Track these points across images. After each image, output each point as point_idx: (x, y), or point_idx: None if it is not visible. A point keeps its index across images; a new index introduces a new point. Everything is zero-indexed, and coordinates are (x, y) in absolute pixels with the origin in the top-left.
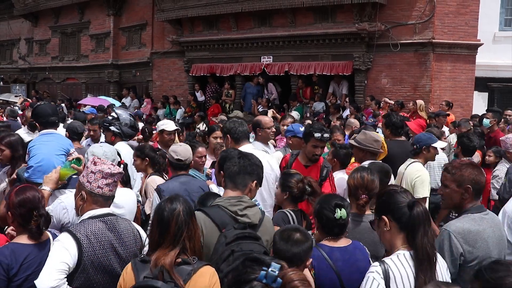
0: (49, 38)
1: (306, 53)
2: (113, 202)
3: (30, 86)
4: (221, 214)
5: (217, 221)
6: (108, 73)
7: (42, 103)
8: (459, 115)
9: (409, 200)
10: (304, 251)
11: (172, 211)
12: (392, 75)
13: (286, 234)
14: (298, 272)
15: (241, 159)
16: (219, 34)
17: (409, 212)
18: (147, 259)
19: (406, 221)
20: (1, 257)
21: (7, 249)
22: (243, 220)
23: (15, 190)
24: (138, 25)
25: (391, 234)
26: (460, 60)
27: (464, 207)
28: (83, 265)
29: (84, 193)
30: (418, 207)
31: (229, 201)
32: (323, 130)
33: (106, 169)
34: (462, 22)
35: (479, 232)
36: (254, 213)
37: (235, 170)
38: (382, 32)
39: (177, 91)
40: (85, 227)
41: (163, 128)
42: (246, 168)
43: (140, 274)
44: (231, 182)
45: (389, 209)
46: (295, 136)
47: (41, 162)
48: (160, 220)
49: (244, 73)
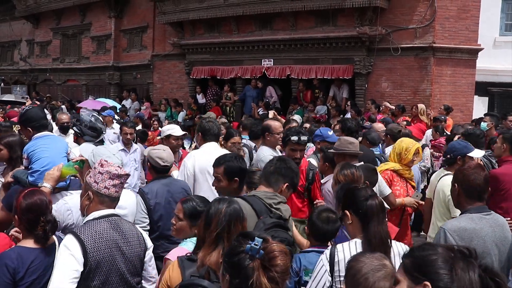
0: (50, 39)
1: (307, 57)
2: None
3: (30, 87)
4: (259, 203)
5: (256, 208)
6: (109, 75)
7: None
8: (459, 119)
9: (367, 195)
10: (336, 229)
11: (216, 211)
12: (392, 79)
13: (322, 215)
14: (279, 244)
15: (279, 161)
16: (220, 37)
17: (365, 204)
18: (194, 258)
19: (363, 212)
20: (8, 260)
21: (14, 252)
22: (277, 212)
23: (23, 194)
24: (139, 28)
25: (353, 227)
26: (461, 65)
27: (463, 207)
28: (89, 266)
29: (91, 193)
30: (373, 199)
31: (265, 194)
32: (300, 133)
33: (113, 170)
34: (462, 27)
35: (476, 230)
36: (286, 208)
37: (271, 170)
38: (383, 36)
39: (177, 93)
40: (90, 228)
41: (170, 133)
42: (281, 170)
43: (186, 271)
44: (266, 180)
45: (350, 204)
46: (324, 141)
47: (48, 166)
48: (206, 218)
49: (245, 76)
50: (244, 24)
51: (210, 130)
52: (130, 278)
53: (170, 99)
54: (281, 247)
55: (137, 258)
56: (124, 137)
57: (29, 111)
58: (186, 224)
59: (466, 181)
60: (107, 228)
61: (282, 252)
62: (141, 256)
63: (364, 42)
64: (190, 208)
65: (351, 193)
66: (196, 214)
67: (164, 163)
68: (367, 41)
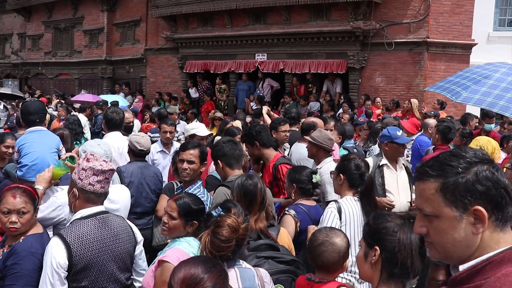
0: (42, 33)
1: (301, 51)
2: (108, 198)
3: (22, 81)
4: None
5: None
6: (101, 69)
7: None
8: (452, 114)
9: (361, 168)
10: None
11: (256, 185)
12: (386, 74)
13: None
14: (232, 218)
15: (235, 144)
16: (214, 31)
17: (360, 176)
18: None
19: (356, 181)
20: (34, 249)
21: (36, 241)
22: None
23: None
24: (132, 21)
25: (342, 187)
26: (454, 60)
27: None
28: (74, 269)
29: (76, 190)
30: (367, 174)
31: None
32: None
33: (97, 166)
34: (456, 22)
35: None
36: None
37: (237, 153)
38: (377, 31)
39: (170, 87)
40: (76, 229)
41: (194, 133)
42: (241, 151)
43: None
44: (238, 163)
45: (345, 170)
46: (392, 141)
47: (36, 161)
48: (246, 193)
49: (238, 71)
50: (237, 18)
51: (112, 121)
52: (120, 275)
53: (163, 93)
54: (231, 220)
55: (127, 254)
56: (163, 136)
57: (26, 104)
58: (180, 223)
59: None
60: (95, 228)
61: (228, 224)
62: (131, 252)
63: (358, 36)
64: (185, 207)
65: (348, 161)
66: (190, 212)
67: (141, 147)
68: (361, 35)
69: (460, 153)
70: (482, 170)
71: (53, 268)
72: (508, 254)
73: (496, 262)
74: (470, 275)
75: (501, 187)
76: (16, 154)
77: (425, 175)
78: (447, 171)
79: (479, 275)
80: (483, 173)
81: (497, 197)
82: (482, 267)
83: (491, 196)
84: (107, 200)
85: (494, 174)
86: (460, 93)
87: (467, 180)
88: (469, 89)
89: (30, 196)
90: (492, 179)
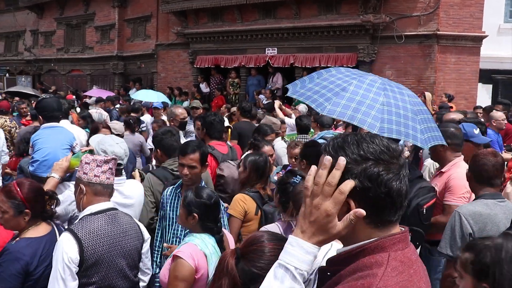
0: (54, 29)
1: (311, 45)
2: (123, 193)
3: (35, 77)
4: (164, 172)
5: (160, 176)
6: (113, 64)
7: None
8: (463, 107)
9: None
10: None
11: (265, 161)
12: (396, 67)
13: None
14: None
15: (173, 135)
16: (224, 26)
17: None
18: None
19: None
20: (20, 255)
21: (26, 246)
22: (177, 173)
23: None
24: (143, 17)
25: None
26: (465, 52)
27: (477, 193)
28: (86, 264)
29: (83, 186)
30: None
31: (169, 163)
32: None
33: (99, 157)
34: (467, 14)
35: (490, 216)
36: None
37: (175, 145)
38: (387, 24)
39: (181, 82)
40: (87, 225)
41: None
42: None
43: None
44: (174, 152)
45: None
46: (467, 140)
47: (47, 156)
48: (259, 167)
49: (248, 65)
50: (247, 13)
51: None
52: (129, 272)
53: (174, 88)
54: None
55: (136, 250)
56: (198, 133)
57: (43, 101)
58: (183, 212)
59: (476, 166)
60: (105, 224)
61: (303, 188)
62: (139, 249)
63: (368, 30)
64: (190, 198)
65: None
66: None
67: (117, 132)
68: (370, 29)
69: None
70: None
71: (65, 263)
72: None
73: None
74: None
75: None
76: (31, 149)
77: None
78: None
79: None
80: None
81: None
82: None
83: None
84: (121, 195)
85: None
86: (324, 105)
87: None
88: (331, 101)
89: (7, 195)
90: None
